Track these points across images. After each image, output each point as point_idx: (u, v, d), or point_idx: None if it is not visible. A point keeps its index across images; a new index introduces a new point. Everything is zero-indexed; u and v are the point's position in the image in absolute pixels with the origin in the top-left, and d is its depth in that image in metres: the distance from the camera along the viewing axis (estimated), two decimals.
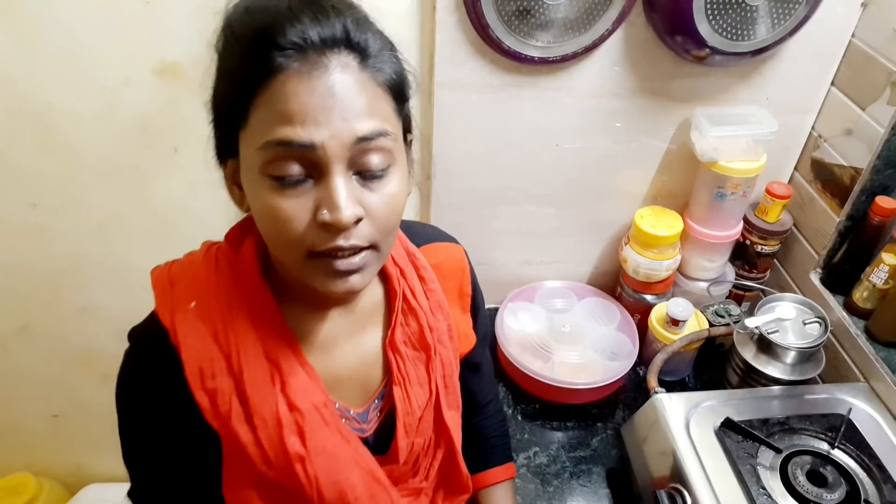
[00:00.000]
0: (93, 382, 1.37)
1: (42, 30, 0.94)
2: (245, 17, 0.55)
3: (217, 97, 0.58)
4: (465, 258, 0.81)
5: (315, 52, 0.52)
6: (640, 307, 1.26)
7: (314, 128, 0.52)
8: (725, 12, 0.96)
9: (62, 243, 1.18)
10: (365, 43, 0.55)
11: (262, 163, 0.54)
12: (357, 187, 0.55)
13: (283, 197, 0.54)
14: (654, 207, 1.23)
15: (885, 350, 1.02)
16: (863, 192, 1.05)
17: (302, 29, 0.52)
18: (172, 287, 0.65)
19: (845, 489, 0.85)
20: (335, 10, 0.54)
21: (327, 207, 0.53)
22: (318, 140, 0.52)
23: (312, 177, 0.54)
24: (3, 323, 1.28)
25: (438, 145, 1.11)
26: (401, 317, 0.71)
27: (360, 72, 0.54)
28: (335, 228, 0.54)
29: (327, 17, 0.53)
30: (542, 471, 1.07)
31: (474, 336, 0.83)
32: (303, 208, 0.54)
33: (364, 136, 0.53)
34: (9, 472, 1.50)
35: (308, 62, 0.52)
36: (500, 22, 0.95)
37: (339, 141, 0.53)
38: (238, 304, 0.63)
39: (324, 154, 0.52)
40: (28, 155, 1.06)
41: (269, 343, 0.63)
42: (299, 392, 0.64)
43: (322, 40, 0.52)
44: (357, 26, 0.54)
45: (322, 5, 0.54)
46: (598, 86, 1.08)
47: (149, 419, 0.64)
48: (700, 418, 0.95)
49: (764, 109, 1.13)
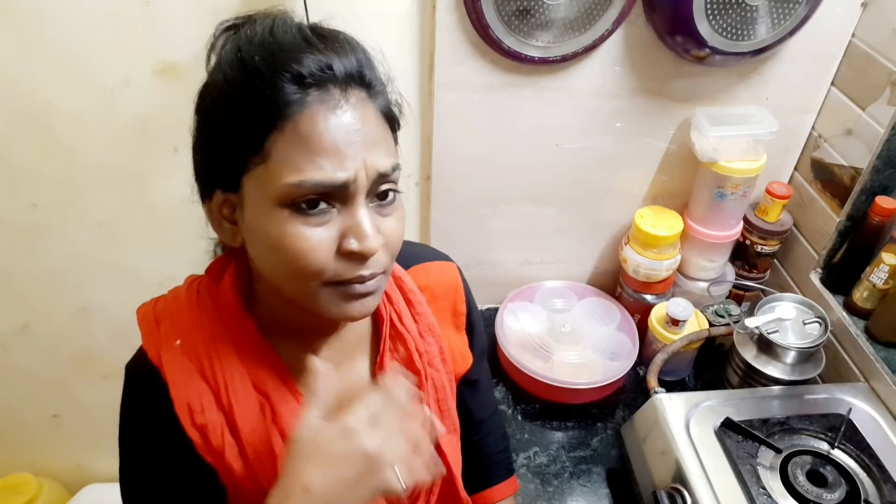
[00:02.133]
0: (93, 382, 1.37)
1: (42, 30, 0.94)
2: (261, 50, 0.53)
3: (216, 128, 0.56)
4: (457, 276, 0.79)
5: (337, 86, 0.53)
6: (640, 307, 1.26)
7: (345, 163, 0.52)
8: (725, 12, 0.96)
9: (62, 243, 1.18)
10: (374, 78, 0.56)
11: (284, 195, 0.53)
12: (374, 215, 0.56)
13: (308, 226, 0.54)
14: (654, 207, 1.23)
15: (885, 350, 1.02)
16: (863, 192, 1.05)
17: (326, 62, 0.52)
18: (158, 325, 0.64)
19: (845, 489, 0.85)
20: (350, 45, 0.55)
21: (356, 237, 0.54)
22: (349, 177, 0.53)
23: (335, 206, 0.55)
24: (3, 323, 1.28)
25: (438, 145, 1.11)
26: (389, 342, 0.70)
27: (373, 107, 0.56)
28: (362, 257, 0.55)
29: (346, 52, 0.54)
30: (542, 471, 1.07)
31: (471, 356, 0.81)
32: (328, 238, 0.54)
33: (385, 171, 0.55)
34: (9, 472, 1.50)
35: (332, 97, 0.52)
36: (500, 22, 0.95)
37: (366, 175, 0.54)
38: (222, 338, 0.63)
39: (353, 188, 0.53)
40: (28, 155, 1.06)
41: (257, 374, 0.63)
42: (291, 421, 0.63)
43: (345, 74, 0.53)
44: (367, 62, 0.56)
45: (339, 40, 0.55)
46: (598, 86, 1.08)
47: (148, 453, 0.64)
48: (700, 418, 0.95)
49: (764, 109, 1.13)
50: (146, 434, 0.63)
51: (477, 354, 0.83)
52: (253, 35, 0.54)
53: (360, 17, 0.98)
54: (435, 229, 1.23)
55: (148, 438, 0.63)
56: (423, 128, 1.12)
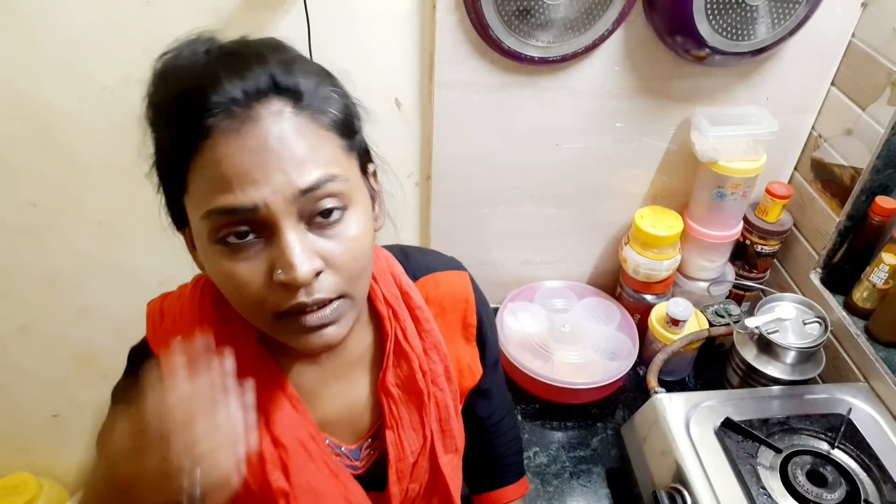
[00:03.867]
0: (93, 382, 1.37)
1: (42, 30, 0.94)
2: (164, 85, 0.53)
3: (157, 167, 0.56)
4: (468, 286, 0.76)
5: (241, 107, 0.49)
6: (640, 307, 1.26)
7: (252, 188, 0.49)
8: (725, 12, 0.96)
9: (62, 243, 1.18)
10: (296, 85, 0.51)
11: (209, 230, 0.51)
12: (313, 238, 0.52)
13: (236, 262, 0.51)
14: (654, 207, 1.23)
15: (885, 350, 1.02)
16: (863, 192, 1.05)
17: (223, 88, 0.49)
18: (162, 319, 0.65)
19: (845, 489, 0.85)
20: (258, 58, 0.51)
21: (281, 267, 0.50)
22: (259, 201, 0.49)
23: (262, 236, 0.51)
24: (3, 323, 1.28)
25: (438, 145, 1.11)
26: (392, 359, 0.69)
27: (295, 117, 0.51)
28: (294, 287, 0.51)
29: (249, 69, 0.50)
30: (542, 471, 1.07)
31: (480, 369, 0.78)
32: (257, 270, 0.51)
33: (308, 187, 0.50)
34: (9, 472, 1.50)
35: (236, 119, 0.49)
36: (500, 22, 0.95)
37: (282, 196, 0.49)
38: (221, 340, 0.61)
39: (268, 213, 0.49)
40: (28, 155, 1.06)
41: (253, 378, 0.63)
42: (284, 427, 0.63)
43: (245, 94, 0.49)
44: (285, 70, 0.51)
45: (242, 56, 0.51)
46: (598, 86, 1.08)
47: None
48: (700, 418, 0.95)
49: (764, 109, 1.13)
50: None
51: (489, 364, 0.80)
52: (159, 68, 0.54)
53: (360, 17, 0.98)
54: (435, 229, 1.23)
55: None
56: (423, 128, 1.12)
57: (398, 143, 1.13)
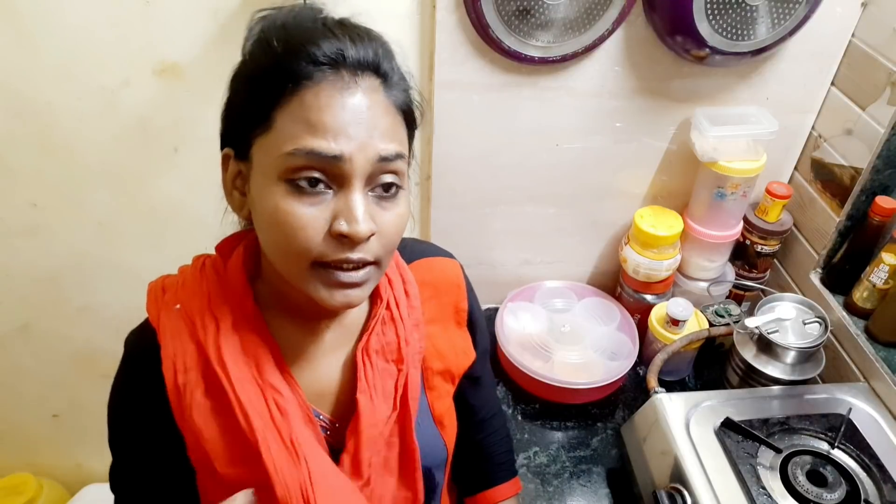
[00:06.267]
0: (93, 382, 1.37)
1: (42, 30, 0.94)
2: (282, 30, 0.57)
3: (236, 99, 0.60)
4: (460, 273, 0.80)
5: (348, 70, 0.55)
6: (640, 307, 1.26)
7: (344, 140, 0.54)
8: (725, 12, 0.96)
9: (62, 243, 1.18)
10: (390, 70, 0.58)
11: (284, 168, 0.55)
12: (371, 205, 0.57)
13: (301, 203, 0.55)
14: (654, 207, 1.23)
15: (885, 350, 1.02)
16: (863, 192, 1.05)
17: (340, 46, 0.55)
18: (163, 293, 0.66)
19: (845, 489, 0.85)
20: (369, 37, 0.58)
21: (346, 219, 0.55)
22: (347, 152, 0.54)
23: (331, 188, 0.56)
24: (3, 323, 1.28)
25: (438, 145, 1.11)
26: (379, 326, 0.70)
27: (385, 96, 0.57)
28: (350, 241, 0.55)
29: (363, 41, 0.56)
30: (542, 471, 1.07)
31: (474, 352, 0.81)
32: (319, 217, 0.55)
33: (386, 155, 0.56)
34: (9, 472, 1.50)
35: (341, 79, 0.55)
36: (500, 22, 0.95)
37: (365, 155, 0.55)
38: (220, 308, 0.64)
39: (349, 167, 0.54)
40: (28, 155, 1.06)
41: (249, 348, 0.63)
42: None
43: (358, 61, 0.55)
44: (385, 55, 0.58)
45: (359, 29, 0.58)
46: (598, 86, 1.08)
47: (134, 420, 0.65)
48: (700, 418, 0.95)
49: (764, 109, 1.13)
50: (132, 397, 0.65)
51: (480, 352, 0.83)
52: (277, 18, 0.58)
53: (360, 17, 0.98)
54: (435, 229, 1.23)
55: (133, 401, 0.65)
56: (423, 128, 1.12)
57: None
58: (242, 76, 0.59)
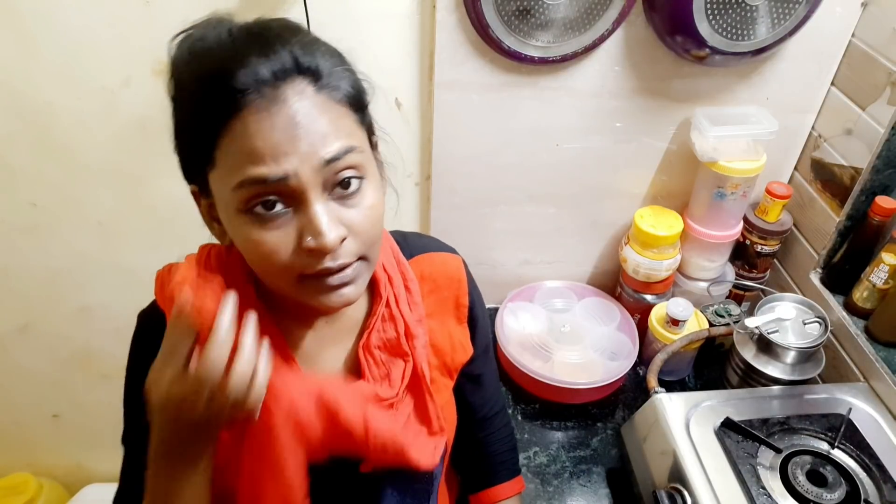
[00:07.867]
0: (93, 382, 1.37)
1: (42, 30, 0.94)
2: (191, 65, 0.56)
3: (178, 142, 0.59)
4: (461, 268, 0.79)
5: (269, 86, 0.53)
6: (640, 307, 1.26)
7: (283, 159, 0.52)
8: (725, 12, 0.96)
9: (62, 243, 1.18)
10: (315, 66, 0.55)
11: (238, 201, 0.54)
12: (336, 207, 0.56)
13: (264, 230, 0.55)
14: (654, 207, 1.23)
15: (885, 350, 1.02)
16: (863, 192, 1.05)
17: (252, 69, 0.52)
18: (171, 276, 0.66)
19: (845, 489, 0.85)
20: (281, 41, 0.54)
21: (311, 234, 0.54)
22: (290, 170, 0.53)
23: (290, 206, 0.55)
24: (3, 323, 1.28)
25: (438, 145, 1.11)
26: (379, 323, 0.71)
27: (315, 95, 0.55)
28: (321, 252, 0.55)
29: (273, 50, 0.53)
30: (542, 471, 1.07)
31: (471, 347, 0.81)
32: (287, 238, 0.55)
33: (332, 157, 0.54)
34: (9, 472, 1.50)
35: (265, 98, 0.52)
36: (500, 22, 0.95)
37: (310, 166, 0.53)
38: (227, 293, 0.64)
39: (298, 183, 0.53)
40: (28, 155, 1.06)
41: None
42: (278, 384, 0.63)
43: (273, 74, 0.53)
44: (304, 51, 0.55)
45: (266, 38, 0.54)
46: (598, 86, 1.08)
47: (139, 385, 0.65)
48: (700, 418, 0.95)
49: (764, 109, 1.13)
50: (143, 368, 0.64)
51: (480, 350, 0.82)
52: (184, 46, 0.57)
53: (360, 17, 0.98)
54: (435, 229, 1.23)
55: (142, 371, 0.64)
56: (423, 128, 1.12)
57: (398, 143, 1.13)
58: (175, 120, 0.59)
